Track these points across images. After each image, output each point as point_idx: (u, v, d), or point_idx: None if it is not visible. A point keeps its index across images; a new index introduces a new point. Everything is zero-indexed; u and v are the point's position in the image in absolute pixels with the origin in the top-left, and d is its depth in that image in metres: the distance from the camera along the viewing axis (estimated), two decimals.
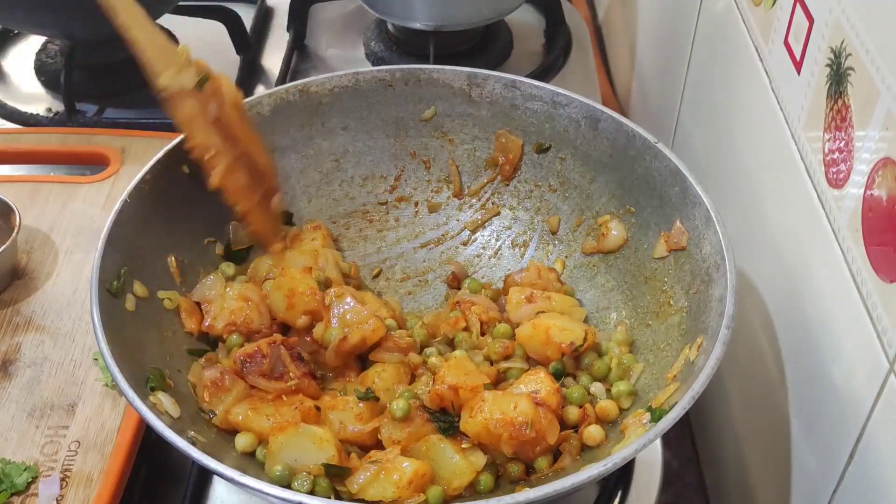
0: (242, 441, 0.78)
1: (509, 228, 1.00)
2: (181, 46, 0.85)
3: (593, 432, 0.78)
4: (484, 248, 1.00)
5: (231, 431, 0.79)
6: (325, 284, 0.88)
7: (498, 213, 1.00)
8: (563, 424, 0.79)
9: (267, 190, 0.92)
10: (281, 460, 0.74)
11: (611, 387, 0.83)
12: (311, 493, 0.73)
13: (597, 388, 0.82)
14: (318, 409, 0.79)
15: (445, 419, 0.78)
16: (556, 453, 0.78)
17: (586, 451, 0.78)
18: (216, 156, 0.86)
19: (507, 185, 1.00)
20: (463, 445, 0.76)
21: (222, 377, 0.79)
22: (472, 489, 0.76)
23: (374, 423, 0.78)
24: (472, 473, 0.75)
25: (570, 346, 0.83)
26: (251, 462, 0.77)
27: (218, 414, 0.79)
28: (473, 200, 1.01)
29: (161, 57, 0.82)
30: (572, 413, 0.80)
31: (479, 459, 0.76)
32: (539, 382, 0.79)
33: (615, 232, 0.92)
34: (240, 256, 0.94)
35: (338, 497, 0.74)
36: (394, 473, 0.73)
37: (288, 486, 0.73)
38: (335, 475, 0.74)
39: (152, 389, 0.75)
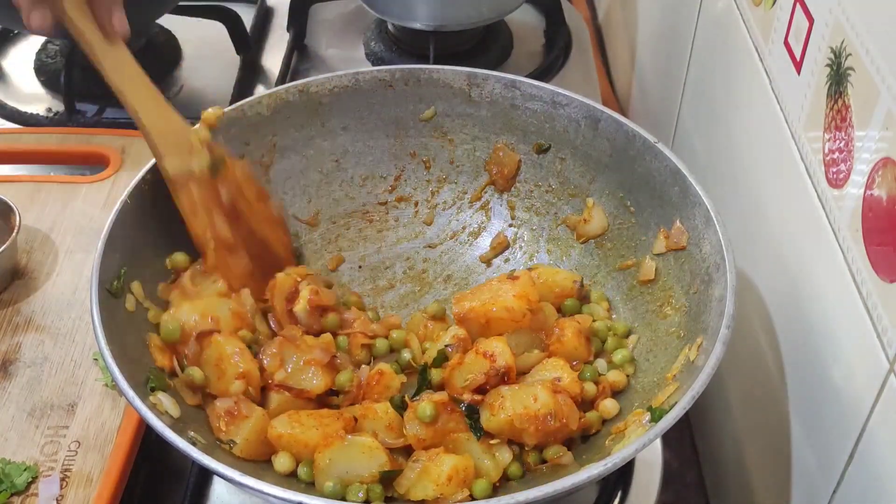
0: (282, 461, 0.76)
1: (510, 227, 1.00)
2: (196, 128, 0.82)
3: (609, 406, 0.80)
4: (484, 248, 1.00)
5: (252, 459, 0.77)
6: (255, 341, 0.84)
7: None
8: (583, 401, 0.80)
9: (273, 269, 0.89)
10: (332, 475, 0.74)
11: (611, 359, 0.84)
12: (367, 502, 0.73)
13: (600, 363, 0.84)
14: (356, 419, 0.79)
15: (473, 415, 0.78)
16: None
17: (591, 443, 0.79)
18: (216, 247, 0.83)
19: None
20: (491, 442, 0.77)
21: (237, 405, 0.77)
22: (504, 481, 0.77)
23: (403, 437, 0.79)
24: (499, 471, 0.76)
25: (577, 283, 0.90)
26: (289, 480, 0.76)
27: (239, 443, 0.76)
28: (475, 201, 1.01)
29: (169, 139, 0.78)
30: (591, 389, 0.81)
31: (505, 456, 0.76)
32: (560, 369, 0.80)
33: (596, 219, 0.94)
34: None
35: (391, 499, 0.74)
36: (433, 472, 0.73)
37: (343, 499, 0.73)
38: (388, 479, 0.74)
39: (152, 389, 0.75)
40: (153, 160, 0.86)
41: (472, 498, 0.73)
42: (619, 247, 0.93)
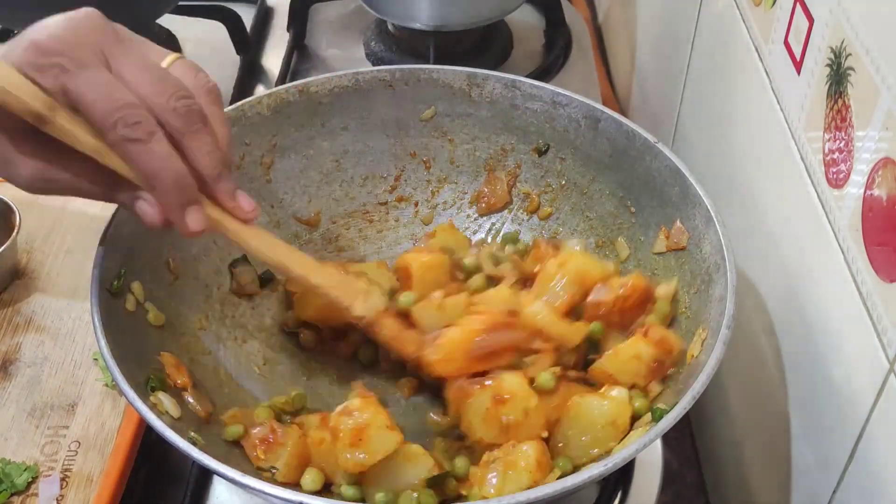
0: (309, 479, 0.74)
1: (510, 227, 1.00)
2: (359, 276, 0.84)
3: (663, 290, 0.84)
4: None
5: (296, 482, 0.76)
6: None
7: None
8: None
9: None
10: (381, 486, 0.72)
11: None
12: None
13: None
14: None
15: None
16: None
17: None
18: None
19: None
20: (602, 391, 0.77)
21: (273, 432, 0.77)
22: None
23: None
24: (629, 409, 0.75)
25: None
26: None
27: (280, 468, 0.75)
28: (475, 202, 1.01)
29: (346, 290, 0.81)
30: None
31: (623, 395, 0.76)
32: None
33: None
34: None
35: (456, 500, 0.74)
36: (521, 462, 0.72)
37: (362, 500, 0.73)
38: (437, 483, 0.74)
39: (152, 390, 0.75)
40: None
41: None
42: (620, 248, 0.93)
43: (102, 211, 1.06)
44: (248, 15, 1.42)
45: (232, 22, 1.36)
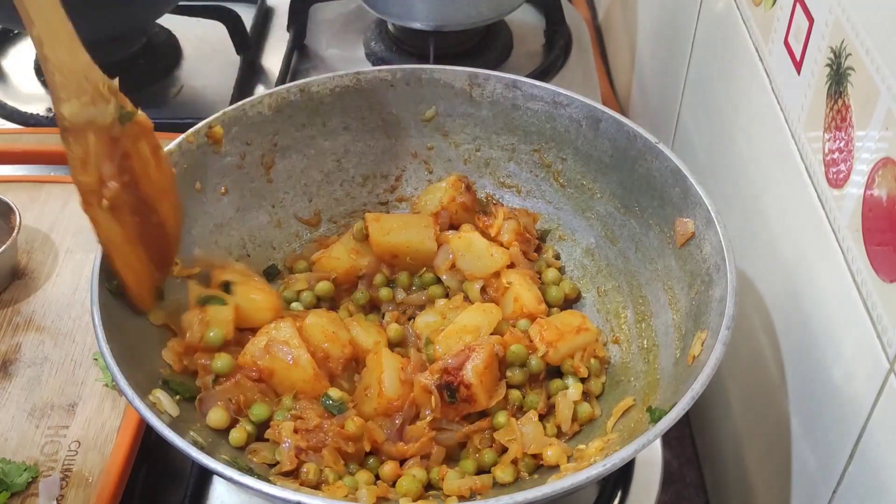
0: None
1: None
2: (104, 77, 0.76)
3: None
4: None
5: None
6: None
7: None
8: None
9: (156, 254, 0.83)
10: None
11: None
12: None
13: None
14: None
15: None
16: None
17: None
18: (99, 199, 0.76)
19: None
20: None
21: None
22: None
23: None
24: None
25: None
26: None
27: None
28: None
29: (72, 80, 0.72)
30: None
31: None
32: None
33: None
34: None
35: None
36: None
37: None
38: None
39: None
40: None
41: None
42: (621, 248, 0.93)
43: None
44: (248, 15, 1.42)
45: (232, 22, 1.36)
